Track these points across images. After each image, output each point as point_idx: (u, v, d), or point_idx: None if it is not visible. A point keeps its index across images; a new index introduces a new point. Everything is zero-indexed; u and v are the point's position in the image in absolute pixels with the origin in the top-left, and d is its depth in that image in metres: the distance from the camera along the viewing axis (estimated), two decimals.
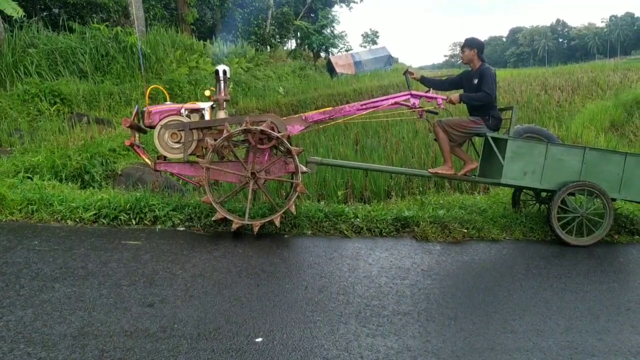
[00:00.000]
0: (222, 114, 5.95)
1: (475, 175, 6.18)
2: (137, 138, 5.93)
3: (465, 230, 5.94)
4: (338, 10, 49.98)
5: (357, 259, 5.07)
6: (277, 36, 37.21)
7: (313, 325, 3.68)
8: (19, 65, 14.01)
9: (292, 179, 5.61)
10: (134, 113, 5.93)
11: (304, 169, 5.63)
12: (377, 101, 6.13)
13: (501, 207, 6.74)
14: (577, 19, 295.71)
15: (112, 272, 4.38)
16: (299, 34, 35.23)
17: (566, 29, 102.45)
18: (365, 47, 39.33)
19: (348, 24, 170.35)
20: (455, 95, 6.00)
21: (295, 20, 33.66)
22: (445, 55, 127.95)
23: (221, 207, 5.54)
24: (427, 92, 6.12)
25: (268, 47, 33.80)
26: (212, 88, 5.98)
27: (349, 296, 4.19)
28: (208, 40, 22.45)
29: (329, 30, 32.14)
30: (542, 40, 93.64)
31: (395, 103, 6.12)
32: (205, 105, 5.90)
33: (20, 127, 10.41)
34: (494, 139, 5.95)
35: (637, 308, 4.23)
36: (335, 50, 33.99)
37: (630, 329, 3.87)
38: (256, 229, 5.45)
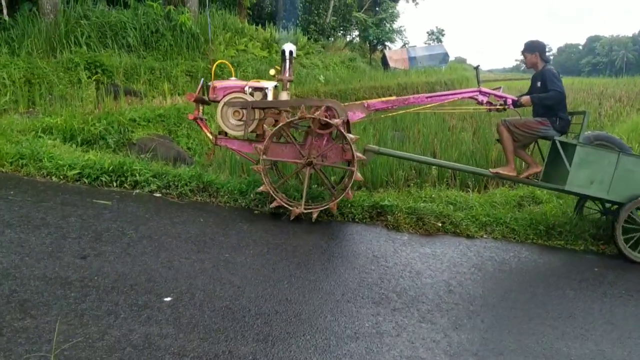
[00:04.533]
0: (284, 95, 5.93)
1: (537, 179, 5.93)
2: (200, 112, 6.01)
3: (440, 224, 5.80)
4: (404, 5, 49.47)
5: (309, 239, 5.06)
6: (340, 27, 37.35)
7: (223, 291, 3.72)
8: (70, 35, 14.67)
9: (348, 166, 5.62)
10: (199, 87, 5.97)
11: (361, 156, 5.57)
12: (443, 95, 6.08)
13: (489, 206, 6.52)
14: None
15: (67, 225, 4.57)
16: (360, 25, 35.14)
17: None
18: (429, 44, 38.72)
19: (413, 20, 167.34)
20: (525, 97, 5.77)
21: (356, 12, 33.56)
22: (516, 60, 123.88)
23: (267, 179, 5.58)
24: (496, 89, 5.95)
25: (328, 38, 33.95)
26: (277, 67, 5.97)
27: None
28: (260, 25, 22.71)
29: (387, 25, 31.75)
30: (621, 51, 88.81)
31: (463, 99, 6.05)
32: (269, 85, 5.88)
33: (54, 92, 10.93)
34: (561, 143, 5.68)
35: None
36: (392, 45, 33.65)
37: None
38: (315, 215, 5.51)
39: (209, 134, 5.92)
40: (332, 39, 34.77)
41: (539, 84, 5.77)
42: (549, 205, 6.68)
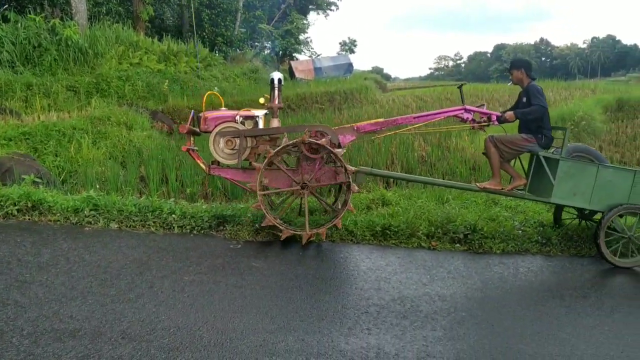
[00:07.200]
0: (275, 122, 6.01)
1: (523, 192, 6.12)
2: (192, 143, 5.96)
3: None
4: (315, 17, 50.46)
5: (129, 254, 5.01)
6: (249, 39, 37.50)
7: (2, 313, 3.61)
8: None
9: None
10: (189, 119, 5.94)
11: (355, 188, 5.73)
12: (430, 114, 6.28)
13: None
14: (560, 39, 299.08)
15: None
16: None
17: (550, 48, 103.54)
18: (341, 54, 39.53)
19: (325, 32, 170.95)
20: (509, 112, 5.96)
21: (264, 24, 33.83)
22: (430, 68, 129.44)
23: (268, 212, 5.65)
24: (480, 106, 6.15)
25: (237, 50, 33.97)
26: (266, 95, 6.05)
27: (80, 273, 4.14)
28: (156, 38, 22.32)
29: (294, 36, 32.24)
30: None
31: (448, 117, 6.23)
32: (260, 113, 5.95)
33: None
34: (545, 158, 5.92)
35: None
36: (299, 56, 34.15)
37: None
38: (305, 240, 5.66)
39: (202, 165, 5.92)
40: (241, 50, 34.88)
41: (524, 99, 5.98)
42: (394, 208, 6.94)
